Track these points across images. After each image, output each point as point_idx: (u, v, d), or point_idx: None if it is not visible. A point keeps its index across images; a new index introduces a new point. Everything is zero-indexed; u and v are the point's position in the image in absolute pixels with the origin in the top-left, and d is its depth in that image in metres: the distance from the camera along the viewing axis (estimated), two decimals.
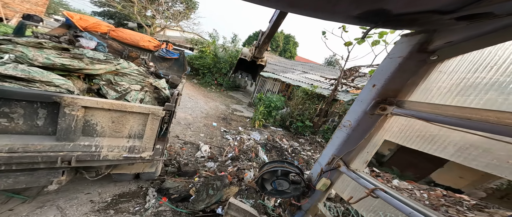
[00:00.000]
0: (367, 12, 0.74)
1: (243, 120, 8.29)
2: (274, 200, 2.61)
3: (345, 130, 1.04)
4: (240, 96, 14.37)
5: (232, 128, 6.68)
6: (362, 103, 1.04)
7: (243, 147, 4.72)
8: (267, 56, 17.07)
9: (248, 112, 10.03)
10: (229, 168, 3.74)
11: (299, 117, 7.97)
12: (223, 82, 14.65)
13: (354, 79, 7.57)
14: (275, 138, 6.62)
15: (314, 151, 6.29)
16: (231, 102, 11.28)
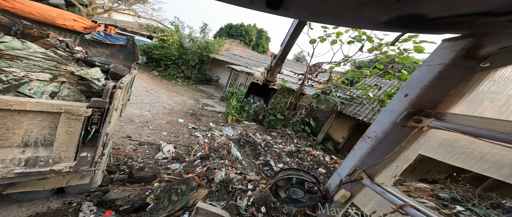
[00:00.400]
0: (397, 17, 0.65)
1: (215, 115, 7.80)
2: (246, 199, 2.50)
3: (370, 142, 0.94)
4: (212, 90, 13.50)
5: (202, 125, 6.15)
6: (391, 113, 0.92)
7: (214, 145, 4.39)
8: (240, 50, 16.58)
9: (220, 106, 9.52)
10: (197, 169, 3.37)
11: (272, 110, 8.16)
12: (192, 75, 13.33)
13: (318, 74, 8.31)
14: (248, 133, 6.54)
15: (285, 144, 6.61)
16: (201, 97, 10.42)
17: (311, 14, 0.67)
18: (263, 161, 4.86)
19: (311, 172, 1.13)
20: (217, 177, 2.93)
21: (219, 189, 2.74)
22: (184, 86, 11.58)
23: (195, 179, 2.84)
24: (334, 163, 5.43)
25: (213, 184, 2.85)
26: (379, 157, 0.89)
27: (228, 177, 3.05)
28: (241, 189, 2.69)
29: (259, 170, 4.41)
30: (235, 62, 14.00)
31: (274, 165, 4.70)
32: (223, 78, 16.64)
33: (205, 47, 13.97)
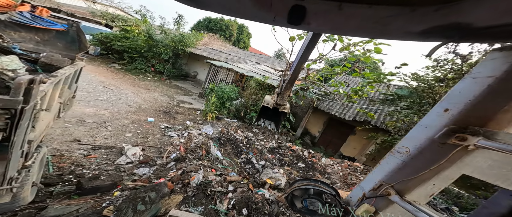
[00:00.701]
0: (435, 27, 0.58)
1: (193, 113, 7.22)
2: (227, 202, 2.32)
3: (400, 157, 0.86)
4: (189, 86, 12.52)
5: (178, 123, 5.57)
6: (427, 129, 0.84)
7: (191, 145, 4.00)
8: (220, 45, 15.84)
9: (199, 103, 8.89)
10: (171, 173, 2.99)
11: (253, 107, 8.06)
12: (165, 70, 12.03)
13: None
14: (229, 131, 6.28)
15: (267, 140, 6.63)
16: (177, 93, 9.51)
17: (333, 28, 0.65)
18: (245, 159, 4.73)
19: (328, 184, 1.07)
20: (193, 180, 2.64)
21: (196, 193, 2.47)
22: (155, 81, 10.34)
23: (167, 184, 2.49)
24: (311, 157, 5.72)
25: (189, 188, 2.55)
26: (412, 173, 0.81)
27: (207, 179, 2.80)
28: (221, 192, 2.49)
29: (241, 169, 4.26)
30: (214, 57, 13.33)
31: (256, 162, 4.62)
32: (201, 73, 15.66)
33: (180, 40, 12.78)
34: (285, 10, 0.53)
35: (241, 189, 2.54)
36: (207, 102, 7.06)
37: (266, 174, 2.98)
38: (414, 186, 0.84)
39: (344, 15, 0.56)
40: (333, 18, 0.57)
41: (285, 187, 2.74)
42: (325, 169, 4.95)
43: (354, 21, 0.58)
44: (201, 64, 15.13)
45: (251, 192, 2.50)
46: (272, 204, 2.26)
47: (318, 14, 0.56)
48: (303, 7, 0.52)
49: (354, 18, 0.57)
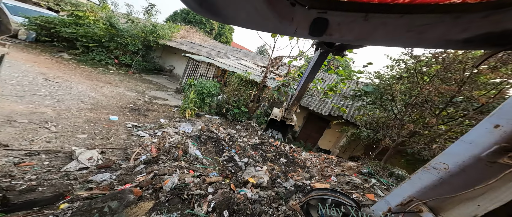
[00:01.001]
0: (484, 35, 0.52)
1: (168, 110, 6.54)
2: (206, 205, 2.12)
3: (436, 173, 0.79)
4: (163, 81, 11.37)
5: (150, 121, 4.94)
6: (472, 146, 0.75)
7: (165, 145, 3.57)
8: (199, 39, 14.95)
9: (175, 100, 8.14)
10: (139, 177, 2.58)
11: (236, 103, 7.82)
12: (133, 62, 10.60)
13: (278, 67, 8.70)
14: (210, 128, 5.93)
15: (250, 136, 6.53)
16: (148, 88, 8.48)
17: (358, 38, 0.58)
18: (227, 157, 4.53)
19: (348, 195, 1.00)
20: (167, 184, 2.33)
21: (170, 198, 2.19)
22: (120, 75, 9.00)
23: (134, 191, 2.13)
24: (292, 152, 5.88)
25: (161, 193, 2.24)
26: (450, 192, 0.74)
27: (183, 182, 2.52)
28: (199, 195, 2.27)
29: (223, 168, 4.05)
30: (193, 51, 12.45)
31: (239, 160, 4.48)
32: (179, 68, 14.48)
33: (152, 31, 11.47)
34: (307, 23, 0.51)
35: (222, 190, 2.36)
36: (185, 98, 6.49)
37: (248, 173, 2.88)
38: (452, 205, 0.76)
39: (370, 25, 0.52)
40: (358, 28, 0.54)
41: (267, 184, 2.69)
42: (305, 163, 5.15)
43: (382, 30, 0.54)
44: (178, 58, 13.97)
45: (233, 192, 2.35)
46: (254, 204, 2.16)
47: (342, 25, 0.53)
48: (325, 19, 0.50)
49: (382, 27, 0.53)
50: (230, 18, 0.54)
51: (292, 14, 0.49)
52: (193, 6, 0.48)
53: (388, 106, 5.80)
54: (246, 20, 0.53)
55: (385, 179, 3.83)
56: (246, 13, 0.49)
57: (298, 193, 2.67)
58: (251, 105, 8.15)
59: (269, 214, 2.09)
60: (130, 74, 9.83)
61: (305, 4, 0.47)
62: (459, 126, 4.50)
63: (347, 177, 3.75)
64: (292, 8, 0.47)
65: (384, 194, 3.10)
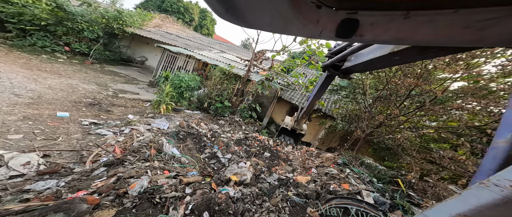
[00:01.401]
0: None
1: (139, 104, 5.80)
2: (183, 208, 1.89)
3: (499, 191, 0.65)
4: (133, 73, 10.08)
5: (115, 118, 4.26)
6: None
7: (133, 144, 3.11)
8: (177, 29, 13.69)
9: (148, 94, 7.30)
10: (97, 182, 2.16)
11: (218, 97, 7.46)
12: (92, 51, 9.03)
13: (262, 61, 8.59)
14: (190, 124, 5.51)
15: (234, 131, 6.34)
16: (113, 81, 7.36)
17: (396, 38, 0.52)
18: (209, 154, 4.27)
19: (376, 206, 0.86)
20: (134, 188, 2.01)
21: (138, 204, 1.89)
22: (73, 64, 7.56)
23: (87, 199, 1.76)
24: (276, 146, 5.95)
25: (127, 199, 1.92)
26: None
27: (155, 184, 2.21)
28: (175, 197, 2.02)
29: (204, 165, 3.80)
30: (170, 41, 11.37)
31: (222, 156, 4.28)
32: (152, 59, 13.07)
33: (116, 18, 9.94)
34: (334, 25, 0.48)
35: (202, 190, 2.16)
36: (159, 92, 5.82)
37: (230, 171, 2.74)
38: None
39: (412, 23, 0.46)
40: (396, 27, 0.48)
41: (251, 181, 2.60)
42: (288, 156, 5.26)
43: (428, 29, 0.47)
44: (151, 48, 12.57)
45: (214, 192, 2.18)
46: (237, 202, 2.04)
47: (376, 25, 0.48)
48: (355, 20, 0.46)
49: (428, 25, 0.46)
50: (254, 23, 0.52)
51: (317, 16, 0.46)
52: (219, 12, 0.47)
53: (360, 99, 6.31)
54: (270, 25, 0.51)
55: (357, 168, 4.17)
56: (270, 17, 0.47)
57: (281, 187, 2.67)
58: (234, 99, 7.89)
59: (252, 211, 2.00)
60: (87, 64, 8.35)
61: (332, 6, 0.44)
62: (414, 117, 5.19)
63: (325, 168, 3.94)
64: (318, 10, 0.44)
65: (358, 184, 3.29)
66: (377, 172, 4.22)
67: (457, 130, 4.66)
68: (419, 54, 1.06)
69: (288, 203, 2.15)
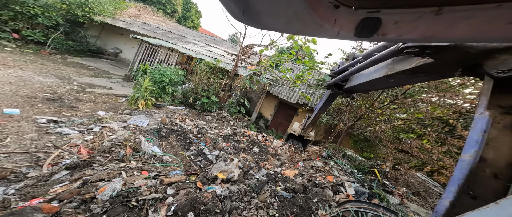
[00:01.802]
0: None
1: (112, 100, 5.20)
2: (165, 209, 1.72)
3: None
4: (105, 66, 9.03)
5: (81, 115, 3.72)
6: None
7: (103, 144, 2.74)
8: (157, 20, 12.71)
9: (124, 88, 6.61)
10: (57, 188, 1.85)
11: (205, 92, 7.11)
12: (50, 40, 7.81)
13: (249, 56, 8.41)
14: (174, 120, 5.15)
15: (222, 127, 6.14)
16: (79, 74, 6.46)
17: (424, 36, 0.46)
18: (195, 152, 4.05)
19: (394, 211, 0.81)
20: (104, 192, 1.76)
21: (110, 209, 1.66)
22: (25, 54, 6.44)
23: (42, 208, 1.48)
24: (264, 141, 5.95)
25: (95, 204, 1.67)
26: None
27: (131, 186, 1.98)
28: (155, 199, 1.83)
29: (190, 163, 3.59)
30: (149, 33, 10.46)
31: (209, 153, 4.10)
32: (128, 52, 11.90)
33: (80, 4, 8.74)
34: (353, 24, 0.45)
35: (186, 190, 2.00)
36: (136, 86, 5.28)
37: (217, 168, 2.61)
38: None
39: (445, 20, 0.43)
40: (425, 25, 0.45)
41: (239, 178, 2.51)
42: (276, 151, 5.30)
43: (464, 26, 0.44)
44: (126, 40, 11.41)
45: (199, 191, 2.03)
46: (224, 200, 1.94)
47: (401, 23, 0.44)
48: (377, 18, 0.43)
49: (464, 22, 0.43)
50: (269, 25, 0.51)
51: (334, 16, 0.44)
52: (236, 14, 0.46)
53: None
54: (285, 26, 0.50)
55: (340, 160, 4.38)
56: (286, 19, 0.46)
57: (270, 183, 2.64)
58: (222, 94, 7.62)
59: (241, 209, 1.92)
60: (45, 54, 7.17)
61: (351, 5, 0.42)
62: (388, 109, 5.64)
63: (312, 161, 4.04)
64: (335, 10, 0.43)
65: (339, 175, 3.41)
66: (357, 164, 4.50)
67: (423, 121, 5.22)
68: (410, 78, 1.15)
69: (276, 198, 2.12)
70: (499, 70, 0.76)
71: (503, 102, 0.82)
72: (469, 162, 0.80)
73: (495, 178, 0.80)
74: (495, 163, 0.80)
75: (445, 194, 0.84)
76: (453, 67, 0.93)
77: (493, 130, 0.81)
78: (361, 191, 2.86)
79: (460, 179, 0.81)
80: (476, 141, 0.80)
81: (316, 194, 2.36)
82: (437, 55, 0.85)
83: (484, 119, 0.79)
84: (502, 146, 0.80)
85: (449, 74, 1.02)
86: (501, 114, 0.82)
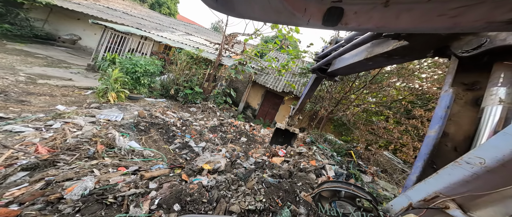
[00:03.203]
0: None
1: (74, 93, 4.54)
2: (148, 203, 1.62)
3: (469, 168, 0.69)
4: (60, 54, 7.73)
5: (35, 111, 3.15)
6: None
7: (67, 141, 2.40)
8: (124, 5, 11.19)
9: (88, 80, 5.80)
10: (14, 190, 1.59)
11: (187, 83, 6.69)
12: None
13: (233, 45, 8.07)
14: (153, 113, 4.78)
15: (208, 119, 5.95)
16: (24, 63, 5.40)
17: (378, 25, 0.53)
18: (179, 144, 3.88)
19: (363, 188, 0.86)
20: (73, 191, 1.57)
21: (83, 208, 1.50)
22: None
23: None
24: (252, 130, 5.99)
25: (63, 204, 1.49)
26: (485, 188, 0.68)
27: (106, 184, 1.81)
28: (135, 194, 1.71)
29: (175, 157, 3.43)
30: (114, 19, 9.17)
31: (195, 145, 3.97)
32: (88, 39, 10.36)
33: None
34: (321, 13, 0.49)
35: (170, 183, 1.91)
36: (103, 77, 4.65)
37: (202, 160, 2.55)
38: (486, 202, 0.69)
39: (392, 12, 0.48)
40: (377, 16, 0.50)
41: (226, 168, 2.50)
42: (264, 139, 5.40)
43: (407, 17, 0.50)
44: (85, 25, 9.82)
45: (185, 183, 1.97)
46: (211, 190, 1.92)
47: (359, 14, 0.49)
48: (340, 8, 0.48)
49: (406, 14, 0.49)
50: (244, 13, 0.53)
51: (305, 5, 0.47)
52: (209, 2, 0.48)
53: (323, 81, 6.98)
54: (260, 14, 0.52)
55: (322, 145, 4.69)
56: (260, 7, 0.49)
57: (257, 170, 2.70)
58: (206, 85, 7.27)
59: (228, 197, 1.93)
60: None
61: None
62: (361, 95, 6.15)
63: (297, 148, 4.23)
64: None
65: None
66: (337, 147, 4.89)
67: (387, 104, 5.85)
68: (387, 60, 1.22)
69: (263, 184, 2.18)
70: (464, 50, 0.82)
71: (466, 79, 0.89)
72: (433, 138, 0.85)
73: (455, 151, 0.86)
74: (455, 137, 0.87)
75: (413, 170, 0.89)
76: (425, 49, 0.99)
77: (455, 106, 0.87)
78: (340, 173, 3.13)
79: (426, 154, 0.86)
80: (441, 117, 0.84)
81: (300, 178, 2.51)
82: (411, 38, 0.90)
83: (448, 96, 0.85)
84: (462, 121, 0.87)
85: (421, 55, 1.09)
86: (463, 91, 0.89)
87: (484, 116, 0.78)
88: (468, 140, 0.84)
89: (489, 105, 0.78)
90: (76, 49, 9.71)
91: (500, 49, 0.75)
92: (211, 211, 1.73)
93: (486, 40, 0.76)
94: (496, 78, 0.81)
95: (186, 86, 6.65)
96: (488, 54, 0.79)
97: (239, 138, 5.13)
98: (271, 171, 2.65)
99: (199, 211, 1.69)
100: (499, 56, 0.79)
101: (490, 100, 0.79)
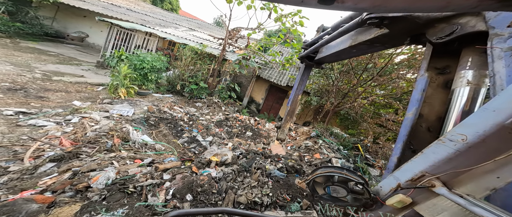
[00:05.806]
0: None
1: (87, 89, 4.76)
2: (163, 193, 1.77)
3: (452, 145, 0.72)
4: (70, 51, 7.97)
5: (54, 106, 3.37)
6: (495, 113, 0.66)
7: (86, 134, 2.59)
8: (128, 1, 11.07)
9: (99, 76, 6.03)
10: (46, 180, 1.78)
11: (192, 79, 6.80)
12: None
13: (237, 40, 7.98)
14: (161, 108, 4.95)
15: (213, 113, 6.09)
16: (39, 60, 5.65)
17: (373, 5, 0.54)
18: (187, 139, 4.05)
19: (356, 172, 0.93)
20: (98, 181, 1.74)
21: (109, 196, 1.67)
22: None
23: (35, 199, 1.46)
24: (257, 125, 6.08)
25: (91, 193, 1.67)
26: (467, 164, 0.70)
27: (125, 174, 1.98)
28: (152, 184, 1.87)
29: (184, 150, 3.60)
30: (119, 16, 9.24)
31: (202, 139, 4.12)
32: (96, 36, 10.55)
33: None
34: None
35: (182, 174, 2.05)
36: (114, 74, 4.83)
37: (210, 152, 2.67)
38: (469, 178, 0.71)
39: None
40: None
41: (232, 160, 2.62)
42: (268, 133, 5.49)
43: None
44: (91, 23, 9.97)
45: (195, 175, 2.10)
46: (220, 181, 2.04)
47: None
48: None
49: None
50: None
51: None
52: None
53: (329, 74, 6.84)
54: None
55: (327, 138, 4.71)
56: None
57: (258, 157, 2.78)
58: (210, 80, 7.35)
59: (235, 188, 2.05)
60: None
61: None
62: (369, 87, 6.01)
63: (302, 141, 4.29)
64: None
65: (326, 153, 3.76)
66: (343, 140, 4.90)
67: (397, 95, 5.72)
68: (369, 48, 1.29)
69: (269, 178, 2.28)
70: (437, 37, 0.87)
71: (438, 64, 0.95)
72: (411, 119, 0.90)
73: (428, 131, 0.93)
74: (429, 118, 0.93)
75: (394, 151, 0.94)
76: (403, 37, 1.06)
77: (429, 89, 0.93)
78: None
79: (404, 136, 0.91)
80: (417, 100, 0.90)
81: (305, 173, 2.58)
82: (392, 25, 0.97)
83: (423, 79, 0.91)
84: (434, 102, 0.93)
85: (399, 43, 1.16)
86: (436, 75, 0.95)
87: (454, 97, 0.84)
88: (440, 121, 0.90)
89: (458, 86, 0.84)
90: (85, 46, 9.96)
91: (469, 35, 0.79)
92: (220, 202, 1.86)
93: (458, 27, 0.80)
94: (464, 62, 0.85)
95: (191, 81, 6.76)
96: (458, 40, 0.82)
97: (245, 132, 5.26)
98: (275, 162, 2.72)
99: (210, 201, 1.82)
100: (468, 42, 0.83)
101: (459, 82, 0.84)
